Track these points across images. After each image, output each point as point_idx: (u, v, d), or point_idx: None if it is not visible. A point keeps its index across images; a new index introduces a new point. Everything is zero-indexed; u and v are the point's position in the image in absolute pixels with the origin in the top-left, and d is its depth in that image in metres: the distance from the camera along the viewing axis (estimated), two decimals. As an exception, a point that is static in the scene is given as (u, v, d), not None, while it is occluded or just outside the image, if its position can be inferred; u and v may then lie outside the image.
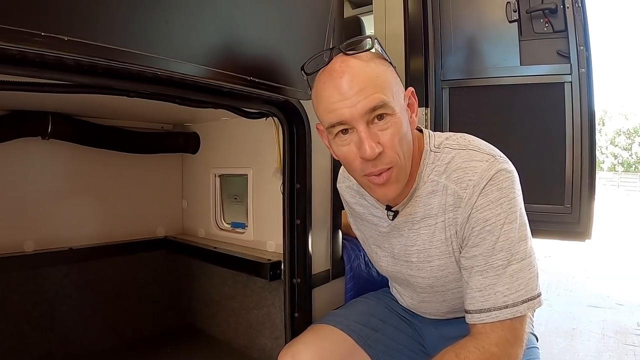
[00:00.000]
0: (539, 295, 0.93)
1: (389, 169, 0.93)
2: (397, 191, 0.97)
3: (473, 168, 0.95)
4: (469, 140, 1.01)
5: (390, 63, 0.96)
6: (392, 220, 1.10)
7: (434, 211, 1.02)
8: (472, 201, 0.94)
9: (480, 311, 0.93)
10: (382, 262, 1.22)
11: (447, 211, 0.99)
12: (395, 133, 0.91)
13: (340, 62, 0.90)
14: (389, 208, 1.10)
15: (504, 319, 0.91)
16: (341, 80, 0.88)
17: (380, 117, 0.90)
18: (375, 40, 0.94)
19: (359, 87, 0.87)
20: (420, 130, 1.08)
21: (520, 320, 0.92)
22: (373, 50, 0.94)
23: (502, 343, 0.91)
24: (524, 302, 0.91)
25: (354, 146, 0.92)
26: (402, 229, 1.09)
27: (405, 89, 1.01)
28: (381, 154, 0.90)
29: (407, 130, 0.94)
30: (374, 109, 0.88)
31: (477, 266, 0.94)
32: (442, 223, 1.01)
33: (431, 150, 1.02)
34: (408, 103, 0.98)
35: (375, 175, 0.93)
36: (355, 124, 0.89)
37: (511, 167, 0.95)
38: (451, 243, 1.01)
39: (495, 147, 1.02)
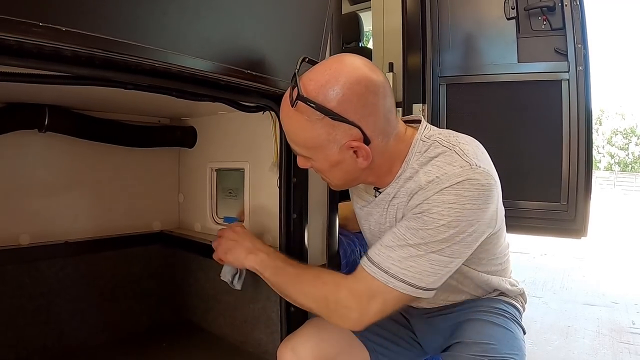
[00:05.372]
0: (420, 288, 0.95)
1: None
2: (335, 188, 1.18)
3: (446, 169, 0.97)
4: (458, 142, 1.02)
5: (331, 115, 0.93)
6: (375, 198, 1.16)
7: (402, 194, 1.06)
8: (427, 194, 0.96)
9: (370, 258, 1.00)
10: (366, 237, 1.30)
11: (408, 196, 1.04)
12: (317, 169, 1.08)
13: (283, 104, 1.00)
14: (377, 188, 1.15)
15: (378, 279, 0.96)
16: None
17: None
18: (300, 97, 0.93)
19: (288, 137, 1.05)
20: (419, 121, 1.11)
21: (391, 293, 0.96)
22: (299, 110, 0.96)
23: (357, 293, 0.99)
24: (403, 281, 0.95)
25: None
26: (378, 206, 1.14)
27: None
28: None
29: (340, 171, 1.05)
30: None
31: (396, 230, 0.99)
32: (404, 206, 1.06)
33: (421, 139, 1.05)
34: (354, 150, 0.99)
35: None
36: None
37: (487, 179, 0.95)
38: None
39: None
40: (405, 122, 1.13)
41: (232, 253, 1.26)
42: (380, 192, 1.14)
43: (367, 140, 0.97)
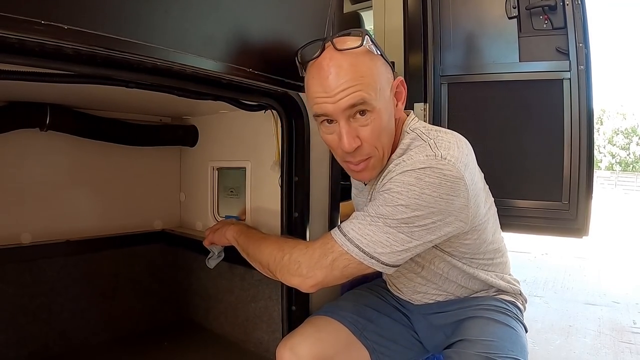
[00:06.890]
0: (373, 257, 0.97)
1: (367, 159, 1.03)
2: (372, 177, 1.10)
3: (413, 156, 0.99)
4: (437, 135, 1.04)
5: (382, 55, 1.01)
6: (365, 186, 1.21)
7: (380, 181, 1.09)
8: (392, 175, 1.00)
9: (338, 226, 1.04)
10: None
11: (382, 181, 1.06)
12: (375, 129, 1.00)
13: (329, 59, 0.97)
14: None
15: (336, 239, 1.00)
16: (327, 77, 0.96)
17: (362, 112, 0.98)
18: (366, 35, 0.97)
19: (342, 86, 0.95)
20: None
21: (342, 256, 0.99)
22: (365, 46, 0.97)
23: (311, 249, 1.03)
24: (357, 247, 0.97)
25: (336, 136, 1.01)
26: (363, 193, 1.20)
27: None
28: (360, 147, 1.00)
29: (388, 122, 1.03)
30: (354, 105, 0.96)
31: (365, 207, 1.02)
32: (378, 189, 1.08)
33: (406, 132, 1.09)
34: (395, 92, 1.05)
35: (354, 164, 1.04)
36: (337, 118, 0.98)
37: (450, 172, 0.95)
38: None
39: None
40: None
41: (219, 230, 1.41)
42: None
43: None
